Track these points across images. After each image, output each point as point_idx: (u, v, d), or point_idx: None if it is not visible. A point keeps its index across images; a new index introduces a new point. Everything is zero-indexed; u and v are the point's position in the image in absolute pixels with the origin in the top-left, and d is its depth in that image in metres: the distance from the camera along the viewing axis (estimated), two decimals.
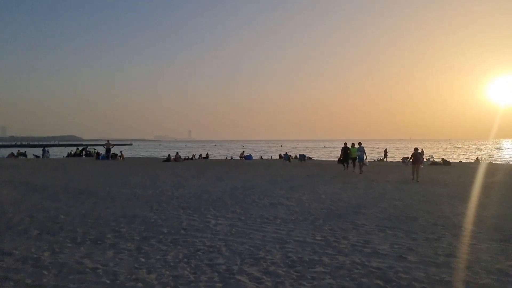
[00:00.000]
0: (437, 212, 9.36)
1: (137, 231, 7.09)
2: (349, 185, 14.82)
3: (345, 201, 10.88)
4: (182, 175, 18.87)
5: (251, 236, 6.82)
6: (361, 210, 9.49)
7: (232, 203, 10.36)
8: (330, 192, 12.89)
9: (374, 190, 13.51)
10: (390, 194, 12.54)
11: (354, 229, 7.48)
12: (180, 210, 9.14)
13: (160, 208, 9.45)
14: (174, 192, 12.25)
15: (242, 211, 9.21)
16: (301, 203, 10.53)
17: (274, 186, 14.23)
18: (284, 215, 8.77)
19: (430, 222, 8.19)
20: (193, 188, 13.34)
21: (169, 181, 15.65)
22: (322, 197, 11.72)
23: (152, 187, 13.50)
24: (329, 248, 6.15)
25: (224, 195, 11.82)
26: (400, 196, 11.97)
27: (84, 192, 12.08)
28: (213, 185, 14.35)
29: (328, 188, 13.82)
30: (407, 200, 11.16)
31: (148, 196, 11.39)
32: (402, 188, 14.08)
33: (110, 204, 9.87)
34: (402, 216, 8.85)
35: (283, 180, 16.73)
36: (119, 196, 11.40)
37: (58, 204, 9.78)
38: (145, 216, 8.34)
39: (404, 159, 34.84)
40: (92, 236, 6.72)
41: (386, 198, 11.53)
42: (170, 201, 10.57)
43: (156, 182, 15.40)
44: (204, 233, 6.96)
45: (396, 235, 7.08)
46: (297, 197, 11.55)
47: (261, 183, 15.44)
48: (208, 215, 8.56)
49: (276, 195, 11.90)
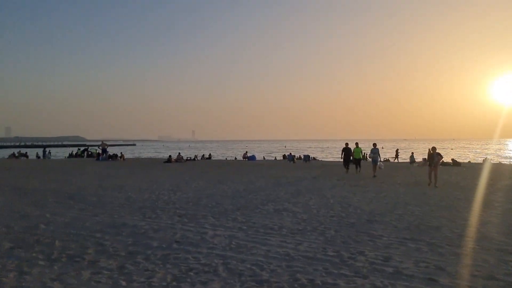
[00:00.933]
0: (459, 220, 8.43)
1: (123, 244, 6.22)
2: (358, 188, 13.90)
3: (356, 207, 9.96)
4: (182, 177, 18.01)
5: (253, 251, 5.93)
6: (375, 218, 8.57)
7: (233, 209, 9.48)
8: (339, 196, 11.98)
9: (385, 194, 12.58)
10: (404, 198, 11.61)
11: (370, 241, 6.57)
12: (175, 218, 8.27)
13: (154, 215, 8.58)
14: (172, 197, 11.39)
15: (244, 219, 8.32)
16: (309, 209, 9.63)
17: (278, 190, 13.34)
18: (290, 224, 7.88)
19: (455, 233, 7.27)
20: (192, 192, 12.47)
21: (168, 184, 14.79)
22: (330, 201, 10.82)
23: (148, 191, 12.64)
24: (344, 266, 5.25)
25: (224, 200, 10.94)
26: (416, 201, 11.04)
27: (74, 197, 11.24)
28: (214, 188, 13.48)
29: (336, 192, 12.91)
30: (423, 206, 10.22)
31: (142, 201, 10.52)
32: (415, 192, 13.13)
33: (99, 211, 9.01)
34: (422, 225, 7.92)
35: (288, 182, 15.83)
36: (111, 201, 10.55)
37: (42, 211, 8.93)
38: (135, 226, 7.47)
39: (412, 159, 33.70)
40: (70, 251, 5.85)
41: (401, 203, 10.60)
42: (165, 207, 9.70)
43: (154, 185, 14.55)
44: (199, 247, 6.08)
45: (419, 249, 6.17)
46: (304, 202, 10.65)
47: (265, 185, 14.56)
48: (206, 224, 7.68)
49: (281, 200, 11.01)
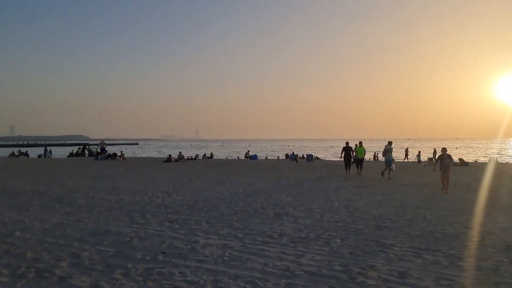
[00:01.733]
0: (477, 226, 7.68)
1: (102, 256, 5.51)
2: (364, 190, 13.14)
3: (363, 211, 9.22)
4: (180, 177, 17.32)
5: (248, 264, 5.21)
6: (385, 224, 7.83)
7: (230, 213, 8.76)
8: (344, 198, 11.24)
9: (394, 196, 11.83)
10: (414, 201, 10.85)
11: (381, 252, 5.83)
12: (166, 224, 7.55)
13: (143, 221, 7.86)
14: (165, 199, 10.68)
15: (240, 224, 7.60)
16: (312, 213, 8.90)
17: (279, 191, 12.61)
18: (291, 230, 7.15)
19: (475, 241, 6.53)
20: (187, 194, 11.76)
21: (163, 185, 14.09)
22: (335, 205, 10.08)
23: (142, 193, 11.95)
24: (353, 285, 4.52)
25: (221, 203, 10.22)
26: (427, 204, 10.28)
27: (62, 199, 10.55)
28: (211, 190, 12.77)
29: (341, 194, 12.17)
30: (436, 210, 9.47)
31: (133, 205, 9.82)
32: (425, 194, 12.37)
33: (84, 216, 8.31)
34: (437, 232, 7.18)
35: (290, 183, 15.10)
36: (100, 204, 9.85)
37: (22, 216, 8.24)
38: (120, 233, 6.76)
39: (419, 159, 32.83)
40: (41, 263, 5.15)
41: (411, 207, 9.85)
42: (157, 211, 8.99)
43: (149, 186, 13.85)
44: (188, 259, 5.36)
45: (437, 261, 5.43)
46: (306, 206, 9.92)
47: (265, 187, 13.83)
48: (198, 232, 6.96)
49: (282, 203, 10.28)
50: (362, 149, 19.72)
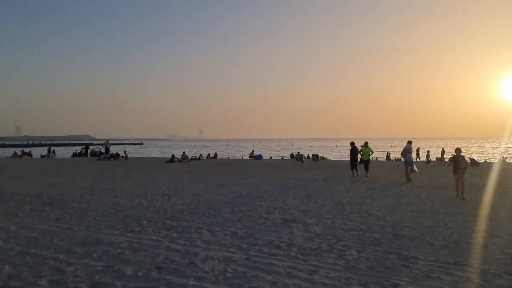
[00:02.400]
0: (506, 235, 6.96)
1: (89, 271, 4.87)
2: (376, 193, 12.43)
3: (378, 217, 8.53)
4: (182, 178, 16.68)
5: (253, 283, 4.54)
6: (403, 232, 7.13)
7: (233, 219, 8.10)
8: (355, 202, 10.54)
9: (408, 199, 11.11)
10: (430, 205, 10.13)
11: (404, 267, 5.15)
12: (163, 232, 6.90)
13: (138, 228, 7.22)
14: (165, 203, 10.04)
15: (245, 232, 6.94)
16: (322, 219, 8.21)
17: (286, 194, 11.93)
18: (301, 240, 6.48)
19: (508, 254, 5.81)
20: (189, 197, 11.12)
21: (164, 187, 13.46)
22: (346, 209, 9.39)
23: (140, 196, 11.32)
24: None
25: (224, 207, 9.57)
26: (445, 209, 9.56)
27: (55, 203, 9.94)
28: (214, 193, 12.12)
29: (352, 197, 11.47)
30: (456, 216, 8.75)
31: (130, 209, 9.18)
32: (441, 197, 11.64)
33: (75, 222, 7.68)
34: (462, 241, 6.47)
35: (297, 185, 14.41)
36: (94, 208, 9.22)
37: (9, 222, 7.62)
38: (112, 244, 6.12)
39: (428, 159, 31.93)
40: (17, 281, 4.51)
41: (428, 212, 9.14)
42: (154, 216, 8.34)
43: (149, 188, 13.23)
44: (185, 277, 4.71)
45: (470, 279, 4.74)
46: (316, 210, 9.23)
47: (271, 189, 13.15)
48: (198, 241, 6.30)
49: (290, 207, 9.60)
50: (368, 149, 18.50)
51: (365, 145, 18.62)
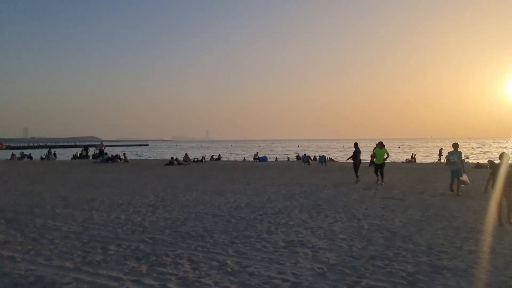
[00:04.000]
0: None
1: None
2: (395, 203, 10.75)
3: (404, 236, 6.88)
4: (176, 185, 15.10)
5: None
6: (442, 262, 5.47)
7: (225, 242, 6.49)
8: (373, 215, 8.88)
9: (434, 211, 9.42)
10: (464, 220, 8.43)
11: None
12: (130, 265, 5.30)
13: (100, 257, 5.63)
14: (146, 218, 8.46)
15: (237, 264, 5.33)
16: (335, 241, 6.58)
17: (291, 205, 10.30)
18: (310, 276, 4.86)
19: None
20: (177, 209, 9.53)
21: (153, 196, 11.89)
22: (364, 226, 7.74)
23: (121, 207, 9.76)
24: None
25: (217, 223, 7.96)
26: (483, 226, 7.86)
27: (16, 218, 8.37)
28: (208, 203, 10.52)
29: (368, 208, 9.80)
30: (503, 236, 7.04)
31: (102, 227, 7.61)
32: (472, 208, 9.91)
33: (24, 248, 6.09)
34: None
35: (304, 193, 12.76)
36: (58, 227, 7.64)
37: None
38: (54, 285, 4.54)
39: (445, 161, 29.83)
40: None
41: (465, 230, 7.44)
42: (127, 238, 6.76)
43: (135, 196, 11.67)
44: None
45: None
46: (327, 227, 7.60)
47: (274, 198, 11.53)
48: (171, 282, 4.69)
49: (295, 223, 7.98)
50: (383, 151, 15.67)
51: (379, 145, 15.89)
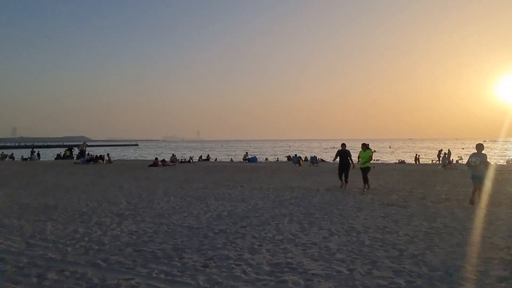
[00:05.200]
0: None
1: None
2: (396, 211, 9.58)
3: (414, 256, 5.68)
4: (154, 189, 13.76)
5: None
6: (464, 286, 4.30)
7: (197, 266, 5.22)
8: (374, 226, 7.69)
9: (442, 221, 8.26)
10: (479, 231, 7.28)
11: None
12: None
13: None
14: (108, 232, 7.16)
15: None
16: (333, 263, 5.35)
17: (280, 213, 9.07)
18: None
19: None
20: (148, 220, 8.23)
21: (125, 202, 10.57)
22: (365, 242, 6.54)
23: (84, 217, 8.43)
24: None
25: (191, 239, 6.69)
26: (506, 242, 6.71)
27: None
28: (185, 212, 9.25)
29: (367, 217, 8.61)
30: None
31: (49, 244, 6.28)
32: (486, 218, 8.77)
33: None
34: None
35: (294, 198, 11.54)
36: None
37: None
38: None
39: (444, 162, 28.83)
40: None
41: (484, 246, 6.28)
42: (75, 261, 5.44)
43: (104, 203, 10.34)
44: None
45: None
46: (322, 244, 6.38)
47: (261, 205, 10.28)
48: None
49: (284, 238, 6.75)
50: (367, 153, 13.68)
51: (363, 148, 13.87)
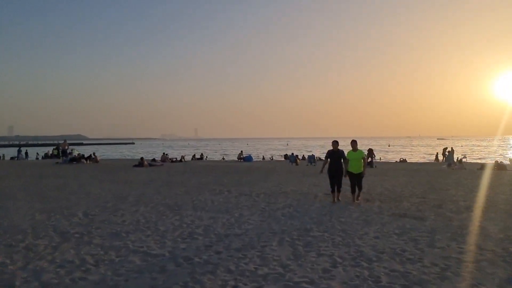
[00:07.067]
0: None
1: None
2: (412, 223, 7.76)
3: None
4: (126, 195, 11.83)
5: None
6: None
7: None
8: (389, 250, 5.88)
9: (474, 241, 6.46)
10: None
11: None
12: None
13: None
14: (32, 263, 5.27)
15: None
16: None
17: (269, 229, 7.23)
18: None
19: None
20: (94, 243, 6.34)
21: (81, 214, 8.69)
22: (381, 278, 4.73)
23: (14, 238, 6.58)
24: None
25: (140, 275, 4.81)
26: None
27: None
28: (150, 228, 7.39)
29: (379, 236, 6.77)
30: None
31: None
32: None
33: None
34: None
35: (288, 207, 9.68)
36: None
37: None
38: None
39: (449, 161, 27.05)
40: None
41: None
42: None
43: (55, 215, 8.45)
44: None
45: None
46: (321, 283, 4.56)
47: (247, 217, 8.40)
48: None
49: (270, 271, 4.92)
50: (358, 155, 10.29)
51: (352, 147, 10.36)
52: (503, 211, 9.16)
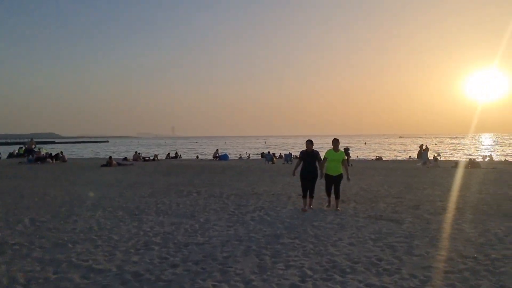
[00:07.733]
0: None
1: None
2: (388, 227, 7.28)
3: None
4: (84, 198, 10.96)
5: None
6: None
7: None
8: (364, 259, 5.36)
9: (454, 246, 6.01)
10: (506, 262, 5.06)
11: None
12: None
13: None
14: None
15: None
16: None
17: (236, 236, 6.58)
18: None
19: None
20: (33, 256, 5.54)
21: (27, 221, 7.78)
22: None
23: None
24: None
25: None
26: None
27: None
28: (102, 237, 6.61)
29: (353, 242, 6.22)
30: None
31: None
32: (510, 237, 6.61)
33: None
34: None
35: (259, 210, 9.05)
36: None
37: None
38: None
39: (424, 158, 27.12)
40: None
41: None
42: None
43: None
44: None
45: None
46: None
47: (213, 223, 7.74)
48: None
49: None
50: (339, 156, 9.26)
51: (334, 146, 9.34)
52: (480, 212, 8.83)
